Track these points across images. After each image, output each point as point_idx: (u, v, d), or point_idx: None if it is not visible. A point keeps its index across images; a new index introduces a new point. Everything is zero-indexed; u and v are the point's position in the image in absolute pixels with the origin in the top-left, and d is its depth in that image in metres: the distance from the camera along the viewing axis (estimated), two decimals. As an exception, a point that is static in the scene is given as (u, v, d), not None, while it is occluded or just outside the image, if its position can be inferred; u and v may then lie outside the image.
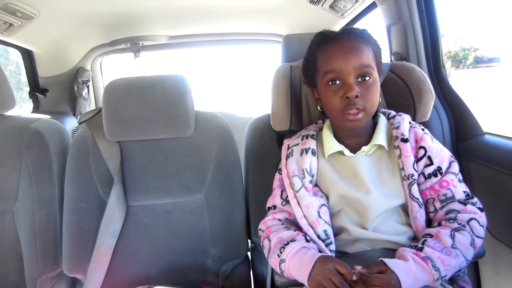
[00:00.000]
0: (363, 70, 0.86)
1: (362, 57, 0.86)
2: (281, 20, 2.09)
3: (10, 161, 1.13)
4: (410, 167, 0.87)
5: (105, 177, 1.13)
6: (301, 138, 0.99)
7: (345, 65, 0.86)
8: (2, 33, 1.68)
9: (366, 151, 0.92)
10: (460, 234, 0.80)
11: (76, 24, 1.90)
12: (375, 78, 0.88)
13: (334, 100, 0.87)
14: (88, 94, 2.45)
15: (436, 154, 0.89)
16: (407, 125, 0.91)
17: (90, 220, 1.11)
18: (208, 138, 1.17)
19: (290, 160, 0.96)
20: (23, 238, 1.12)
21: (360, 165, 0.91)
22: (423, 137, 0.90)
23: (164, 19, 2.01)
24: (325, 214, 0.90)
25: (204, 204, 1.14)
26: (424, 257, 0.76)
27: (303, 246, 0.85)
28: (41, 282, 1.12)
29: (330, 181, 0.93)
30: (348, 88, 0.85)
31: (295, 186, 0.92)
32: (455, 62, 4.78)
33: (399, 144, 0.89)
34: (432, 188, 0.88)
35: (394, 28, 1.40)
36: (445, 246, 0.78)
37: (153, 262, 1.12)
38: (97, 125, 1.17)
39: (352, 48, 0.87)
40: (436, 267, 0.75)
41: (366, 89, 0.86)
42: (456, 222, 0.82)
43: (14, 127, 1.17)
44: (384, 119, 0.96)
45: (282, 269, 0.85)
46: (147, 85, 1.14)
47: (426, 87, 1.05)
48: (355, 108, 0.85)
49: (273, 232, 0.93)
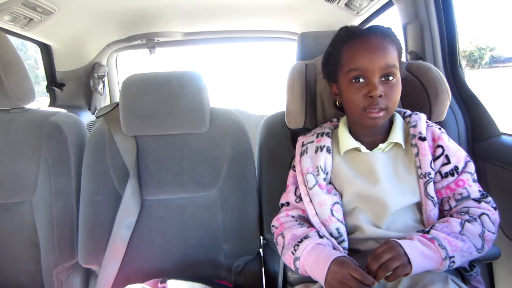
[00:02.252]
0: (388, 70, 0.85)
1: (388, 56, 0.86)
2: (296, 17, 2.08)
3: (30, 152, 1.16)
4: (427, 166, 0.87)
5: (121, 170, 1.15)
6: (316, 135, 0.99)
7: (372, 64, 0.85)
8: (22, 28, 1.72)
9: (383, 148, 0.92)
10: (470, 224, 0.81)
11: (93, 20, 1.93)
12: (398, 78, 0.87)
13: (357, 98, 0.87)
14: (103, 89, 2.49)
15: (453, 153, 0.89)
16: (424, 124, 0.91)
17: (106, 212, 1.13)
18: (222, 134, 1.18)
19: (305, 157, 0.96)
20: (40, 229, 1.15)
21: (376, 162, 0.91)
22: (441, 136, 0.90)
23: (179, 15, 2.03)
24: (338, 212, 0.90)
25: (218, 199, 1.16)
26: (430, 237, 0.78)
27: (317, 243, 0.85)
28: (57, 272, 1.15)
29: (345, 178, 0.93)
30: (372, 87, 0.85)
31: (308, 183, 0.93)
32: (470, 61, 4.71)
33: (417, 143, 0.89)
34: (448, 187, 0.88)
35: (410, 27, 1.38)
36: (452, 231, 0.80)
37: (166, 256, 1.14)
38: (114, 120, 1.19)
39: (379, 47, 0.87)
40: (442, 245, 0.76)
41: (390, 88, 0.86)
42: (467, 215, 0.84)
43: (34, 120, 1.19)
44: (399, 117, 0.96)
45: (297, 266, 0.86)
46: (164, 81, 1.15)
47: (443, 87, 1.04)
48: (378, 107, 0.85)
49: (286, 229, 0.93)
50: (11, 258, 1.14)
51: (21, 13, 1.59)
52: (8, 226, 1.15)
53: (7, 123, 1.19)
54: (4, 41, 1.12)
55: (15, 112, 1.21)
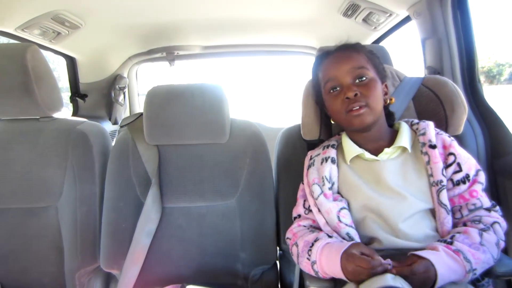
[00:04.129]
0: (357, 72, 0.92)
1: (353, 60, 0.93)
2: (314, 32, 2.12)
3: (57, 159, 1.20)
4: (439, 173, 0.87)
5: (143, 178, 1.18)
6: (323, 148, 1.03)
7: (339, 71, 0.93)
8: (51, 41, 1.80)
9: (389, 153, 0.93)
10: (487, 233, 0.82)
11: (116, 34, 2.01)
12: (371, 77, 0.93)
13: (337, 105, 0.93)
14: (124, 100, 2.56)
15: (464, 161, 0.90)
16: (433, 131, 0.93)
17: (128, 219, 1.16)
18: (242, 145, 1.21)
19: (311, 170, 1.00)
20: (65, 233, 1.18)
21: (383, 169, 0.92)
22: (452, 143, 0.91)
23: (198, 29, 2.09)
24: (346, 217, 0.91)
25: (236, 209, 1.17)
26: (455, 249, 0.78)
27: (327, 243, 0.87)
28: (79, 275, 1.17)
29: (353, 187, 0.95)
30: (346, 89, 0.91)
31: (314, 193, 0.96)
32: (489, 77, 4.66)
33: (427, 151, 0.90)
34: (462, 197, 0.89)
35: (429, 42, 1.40)
36: (473, 242, 0.80)
37: (185, 263, 1.16)
38: (137, 129, 1.23)
39: (343, 55, 0.96)
40: (467, 259, 0.77)
41: (364, 86, 0.91)
42: (481, 224, 0.85)
43: (62, 129, 1.24)
44: (405, 125, 0.98)
45: (316, 270, 0.87)
46: (187, 92, 1.19)
47: (459, 100, 1.05)
48: (357, 105, 0.89)
49: (299, 238, 0.95)
50: (35, 260, 1.18)
51: (50, 27, 1.67)
52: (34, 230, 1.18)
53: (36, 131, 1.24)
54: (36, 53, 1.18)
55: (44, 120, 1.26)
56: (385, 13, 1.59)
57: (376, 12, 1.61)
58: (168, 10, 1.74)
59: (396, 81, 1.19)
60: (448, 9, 1.31)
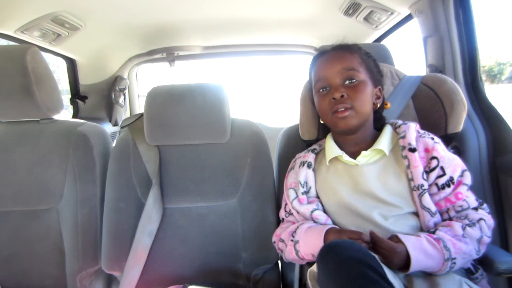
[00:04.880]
0: (347, 73, 0.92)
1: (344, 62, 0.93)
2: (314, 31, 2.11)
3: (58, 161, 1.20)
4: (419, 177, 0.87)
5: (144, 179, 1.18)
6: (306, 151, 1.05)
7: (329, 71, 0.94)
8: (51, 43, 1.80)
9: (367, 156, 0.93)
10: (471, 228, 0.84)
11: (116, 35, 2.01)
12: (361, 79, 0.92)
13: (324, 104, 0.94)
14: (124, 101, 2.56)
15: (448, 164, 0.88)
16: (413, 134, 0.92)
17: (129, 219, 1.15)
18: (243, 144, 1.21)
19: (291, 173, 1.03)
20: (66, 235, 1.18)
21: (362, 174, 0.92)
22: (435, 146, 0.90)
23: (198, 30, 2.09)
24: (320, 217, 0.94)
25: (238, 208, 1.17)
26: (436, 237, 0.81)
27: (312, 225, 0.91)
28: (81, 277, 1.17)
29: (331, 190, 0.96)
30: (333, 90, 0.91)
31: (290, 197, 0.98)
32: (490, 76, 4.66)
33: (407, 154, 0.89)
34: (448, 200, 0.88)
35: (430, 40, 1.39)
36: (455, 234, 0.82)
37: (187, 263, 1.15)
38: (138, 130, 1.23)
39: (335, 55, 0.96)
40: (447, 247, 0.79)
41: (352, 89, 0.91)
42: (467, 219, 0.86)
43: (63, 130, 1.24)
44: (389, 128, 0.98)
45: (297, 249, 0.90)
46: (187, 92, 1.19)
47: (458, 98, 1.05)
48: (342, 106, 0.90)
49: (282, 233, 1.00)
50: (37, 262, 1.17)
51: (50, 29, 1.67)
52: (36, 232, 1.18)
53: (37, 133, 1.24)
54: (36, 55, 1.17)
55: (45, 122, 1.26)
56: (387, 12, 1.58)
57: (378, 11, 1.61)
58: (168, 11, 1.74)
59: (396, 80, 1.19)
60: (450, 7, 1.30)
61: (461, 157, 0.94)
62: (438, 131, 1.05)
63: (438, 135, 0.95)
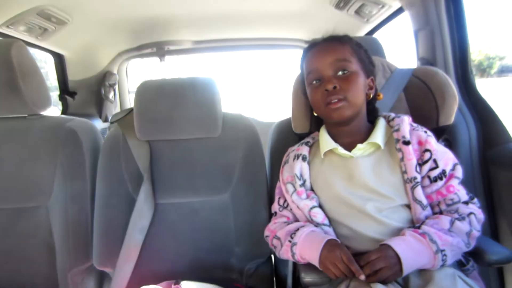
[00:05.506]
0: (339, 65, 0.91)
1: (336, 53, 0.92)
2: (305, 25, 2.11)
3: (47, 158, 1.18)
4: (412, 170, 0.87)
5: (135, 175, 1.16)
6: (299, 144, 1.04)
7: (321, 63, 0.92)
8: (37, 38, 1.76)
9: (362, 149, 0.93)
10: (460, 222, 0.84)
11: (105, 29, 1.98)
12: (353, 70, 0.92)
13: (317, 96, 0.93)
14: (114, 97, 2.53)
15: (441, 156, 0.89)
16: (407, 127, 0.92)
17: (120, 216, 1.14)
18: (235, 138, 1.20)
19: (286, 167, 1.02)
20: (56, 232, 1.16)
21: (356, 166, 0.92)
22: (428, 139, 0.90)
23: (189, 24, 2.07)
24: (317, 216, 0.93)
25: (230, 203, 1.16)
26: (421, 232, 0.81)
27: (313, 230, 0.90)
28: (72, 275, 1.15)
29: (325, 183, 0.95)
30: (326, 82, 0.90)
31: (289, 192, 0.97)
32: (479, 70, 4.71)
33: (401, 147, 0.89)
34: (439, 193, 0.89)
35: (421, 33, 1.39)
36: (442, 227, 0.82)
37: (179, 258, 1.14)
38: (128, 125, 1.21)
39: (326, 47, 0.95)
40: (433, 240, 0.79)
41: (345, 80, 0.90)
42: (456, 213, 0.86)
43: (51, 126, 1.21)
44: (383, 121, 0.98)
45: (293, 251, 0.89)
46: (178, 86, 1.17)
47: (450, 90, 1.06)
48: (335, 98, 0.89)
49: (279, 231, 0.98)
50: (27, 260, 1.16)
51: (36, 23, 1.63)
52: (25, 230, 1.16)
53: (24, 129, 1.21)
54: (22, 49, 1.15)
55: (32, 118, 1.24)
56: (378, 5, 1.58)
57: (369, 4, 1.61)
58: (157, 4, 1.72)
59: (387, 73, 1.18)
60: (441, 0, 1.30)
61: (451, 149, 0.94)
62: (429, 124, 1.05)
63: (430, 128, 0.95)
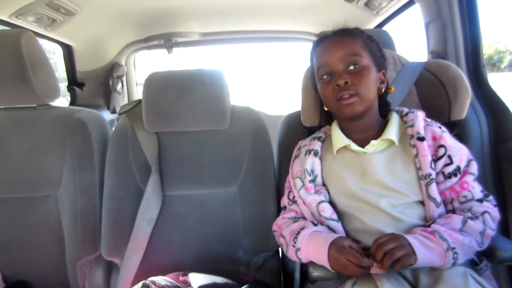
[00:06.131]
0: (351, 59, 0.89)
1: (347, 47, 0.90)
2: (314, 18, 2.08)
3: (56, 148, 1.19)
4: (427, 167, 0.86)
5: (143, 166, 1.17)
6: (311, 139, 1.03)
7: (332, 57, 0.91)
8: (46, 29, 1.76)
9: (376, 145, 0.91)
10: (473, 221, 0.82)
11: (113, 20, 1.97)
12: (365, 65, 0.90)
13: (328, 92, 0.91)
14: (122, 88, 2.53)
15: (455, 152, 0.87)
16: (421, 123, 0.90)
17: (128, 207, 1.14)
18: (243, 131, 1.19)
19: (296, 162, 1.01)
20: (65, 222, 1.17)
21: (370, 162, 0.91)
22: (442, 135, 0.88)
23: (197, 16, 2.05)
24: (325, 211, 0.92)
25: (237, 195, 1.16)
26: (431, 230, 0.80)
27: (313, 231, 0.88)
28: (81, 264, 1.17)
29: (338, 178, 0.94)
30: (337, 77, 0.89)
31: (296, 186, 0.96)
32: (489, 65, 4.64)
33: (415, 143, 0.88)
34: (453, 189, 0.87)
35: (432, 26, 1.37)
36: (453, 227, 0.81)
37: (187, 250, 1.15)
38: (136, 116, 1.21)
39: (337, 41, 0.93)
40: (443, 237, 0.78)
41: (356, 75, 0.89)
42: (470, 212, 0.85)
43: (60, 116, 1.22)
44: (396, 116, 0.96)
45: (299, 257, 0.89)
46: (186, 78, 1.17)
47: (462, 84, 1.04)
48: (347, 93, 0.87)
49: (284, 229, 0.97)
50: (37, 250, 1.17)
51: (45, 14, 1.63)
52: (35, 219, 1.17)
53: (34, 119, 1.22)
54: (31, 39, 1.15)
55: (42, 109, 1.24)
56: (388, -3, 1.56)
57: (379, -4, 1.58)
58: (165, -5, 1.71)
59: (398, 66, 1.17)
60: (453, -8, 1.28)
61: (463, 144, 0.93)
62: (441, 118, 1.03)
63: (441, 122, 0.94)
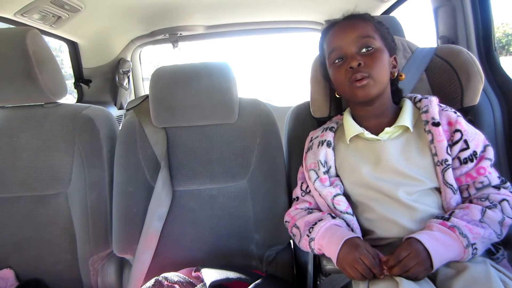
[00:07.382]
0: (363, 41, 0.88)
1: (359, 29, 0.89)
2: (319, 7, 2.05)
3: (64, 146, 1.19)
4: (443, 152, 0.84)
5: (152, 162, 1.16)
6: (322, 130, 1.01)
7: (343, 40, 0.89)
8: (51, 26, 1.76)
9: (389, 132, 0.90)
10: (491, 211, 0.80)
11: (118, 16, 1.96)
12: (377, 47, 0.89)
13: (340, 75, 0.90)
14: (128, 84, 2.53)
15: (472, 137, 0.86)
16: (436, 108, 0.88)
17: (138, 203, 1.15)
18: (252, 124, 1.18)
19: (309, 154, 1.00)
20: (76, 219, 1.18)
21: (384, 150, 0.89)
22: (458, 120, 0.87)
23: (201, 9, 2.03)
24: (340, 204, 0.91)
25: (248, 189, 1.16)
26: (450, 226, 0.77)
27: (332, 224, 0.87)
28: (93, 261, 1.18)
29: (351, 168, 0.93)
30: (350, 59, 0.87)
31: (311, 179, 0.95)
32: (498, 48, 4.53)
33: (431, 129, 0.86)
34: (469, 175, 0.86)
35: (442, 10, 1.33)
36: (473, 219, 0.78)
37: (198, 246, 1.15)
38: (144, 112, 1.20)
39: (348, 24, 0.92)
40: (463, 234, 0.75)
41: (369, 57, 0.87)
42: (487, 201, 0.82)
43: (68, 114, 1.22)
44: (409, 102, 0.94)
45: (312, 247, 0.88)
46: (193, 72, 1.16)
47: (475, 69, 1.01)
48: (360, 75, 0.86)
49: (298, 220, 0.96)
50: (49, 247, 1.18)
51: (50, 11, 1.63)
52: (45, 217, 1.18)
53: (42, 117, 1.22)
54: (37, 37, 1.14)
55: (49, 106, 1.24)
56: (395, -18, 1.52)
57: (385, -18, 1.54)
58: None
59: (408, 53, 1.14)
60: (463, -26, 1.24)
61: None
62: (453, 105, 1.01)
63: (454, 109, 0.92)
